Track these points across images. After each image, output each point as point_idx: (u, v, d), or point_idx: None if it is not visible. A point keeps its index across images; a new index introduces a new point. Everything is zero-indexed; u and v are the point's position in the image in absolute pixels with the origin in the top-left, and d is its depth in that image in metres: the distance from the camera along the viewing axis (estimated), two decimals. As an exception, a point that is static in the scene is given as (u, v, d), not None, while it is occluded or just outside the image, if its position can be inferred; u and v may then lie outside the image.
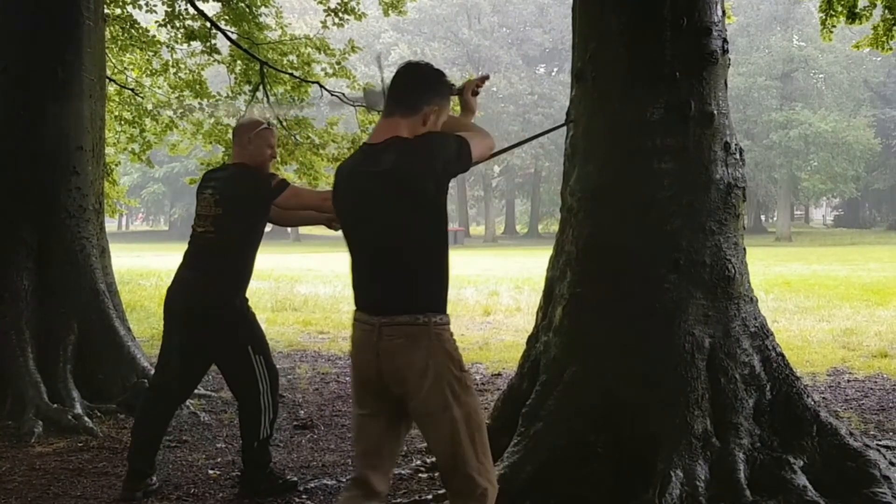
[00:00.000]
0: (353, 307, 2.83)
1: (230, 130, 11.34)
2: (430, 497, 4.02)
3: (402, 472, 4.45)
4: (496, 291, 15.95)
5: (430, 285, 2.73)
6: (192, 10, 10.44)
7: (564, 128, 4.59)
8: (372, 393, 2.78)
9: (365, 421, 2.83)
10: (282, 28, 11.28)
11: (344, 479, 4.37)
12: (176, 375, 4.33)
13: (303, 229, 58.10)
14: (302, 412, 6.10)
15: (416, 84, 2.84)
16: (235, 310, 4.25)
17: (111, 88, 10.96)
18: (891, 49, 8.52)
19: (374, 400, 2.79)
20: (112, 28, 10.42)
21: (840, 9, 8.17)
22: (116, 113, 11.87)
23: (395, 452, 2.92)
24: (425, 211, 2.71)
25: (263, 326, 4.51)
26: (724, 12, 4.41)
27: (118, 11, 10.64)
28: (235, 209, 4.18)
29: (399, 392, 2.73)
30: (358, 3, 10.92)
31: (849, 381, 7.21)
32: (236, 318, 4.25)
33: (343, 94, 10.53)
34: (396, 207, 2.69)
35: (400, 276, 2.71)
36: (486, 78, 3.44)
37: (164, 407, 4.43)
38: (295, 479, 4.45)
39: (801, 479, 3.78)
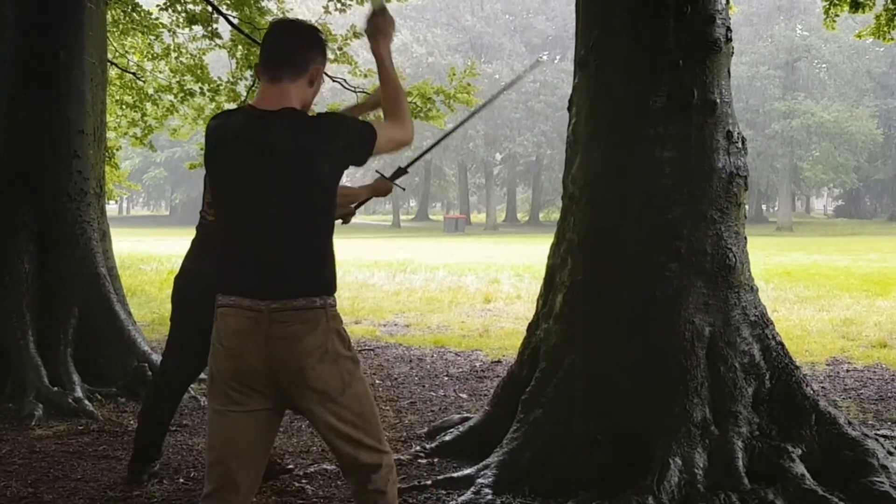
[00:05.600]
0: (224, 293, 2.58)
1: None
2: (429, 483, 4.03)
3: (402, 457, 4.46)
4: (497, 279, 15.97)
5: (324, 267, 2.59)
6: (193, -6, 10.40)
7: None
8: (251, 385, 2.54)
9: (236, 418, 2.55)
10: (283, 13, 11.23)
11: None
12: (189, 359, 4.29)
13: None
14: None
15: (301, 43, 2.64)
16: None
17: (112, 72, 10.92)
18: (893, 39, 8.47)
19: (253, 393, 2.55)
20: (113, 11, 10.38)
21: (844, -3, 8.12)
22: (118, 97, 11.86)
23: (268, 453, 2.69)
24: (318, 191, 2.55)
25: None
26: (727, 0, 4.40)
27: (119, -6, 10.60)
28: None
29: (287, 381, 2.54)
30: (360, -12, 10.87)
31: (848, 370, 7.22)
32: None
33: (345, 81, 10.50)
34: (287, 186, 2.51)
35: (292, 257, 2.53)
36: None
37: (174, 392, 4.43)
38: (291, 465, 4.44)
39: (800, 468, 3.79)
